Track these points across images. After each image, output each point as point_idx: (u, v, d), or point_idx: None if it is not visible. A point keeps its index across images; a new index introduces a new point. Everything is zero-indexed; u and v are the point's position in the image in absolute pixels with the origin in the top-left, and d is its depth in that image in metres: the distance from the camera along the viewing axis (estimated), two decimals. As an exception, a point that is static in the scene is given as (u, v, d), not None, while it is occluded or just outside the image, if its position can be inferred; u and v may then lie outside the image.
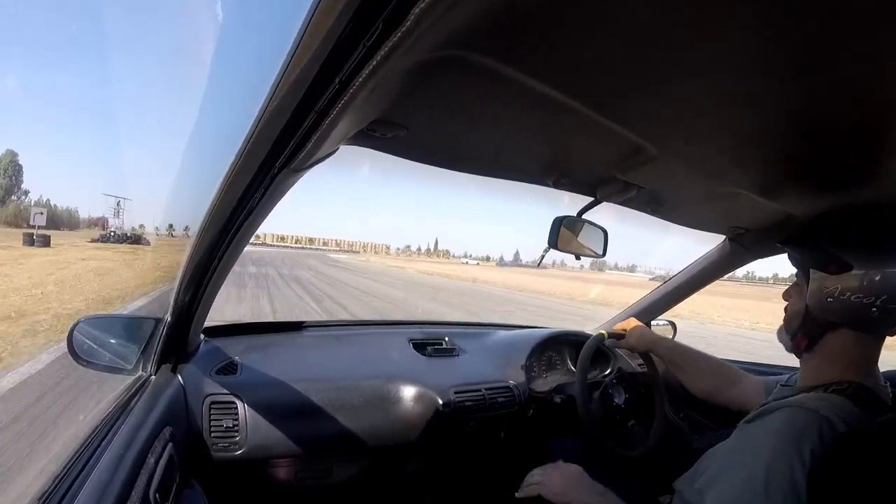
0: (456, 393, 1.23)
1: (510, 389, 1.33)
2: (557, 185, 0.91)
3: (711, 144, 0.69)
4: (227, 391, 1.03)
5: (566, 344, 1.62)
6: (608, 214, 1.02)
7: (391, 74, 0.42)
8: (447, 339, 1.50)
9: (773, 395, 0.85)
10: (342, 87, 0.41)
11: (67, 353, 0.89)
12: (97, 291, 9.05)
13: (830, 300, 0.73)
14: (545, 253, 0.99)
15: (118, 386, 0.98)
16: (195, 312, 0.94)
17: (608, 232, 1.04)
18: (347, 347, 1.37)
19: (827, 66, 0.46)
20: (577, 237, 0.99)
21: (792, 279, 0.84)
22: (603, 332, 1.26)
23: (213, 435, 0.99)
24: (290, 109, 0.44)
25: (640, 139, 0.67)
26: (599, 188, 0.92)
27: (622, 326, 1.29)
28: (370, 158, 0.73)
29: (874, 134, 0.60)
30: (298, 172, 0.58)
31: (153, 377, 0.96)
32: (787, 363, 1.05)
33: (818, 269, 0.76)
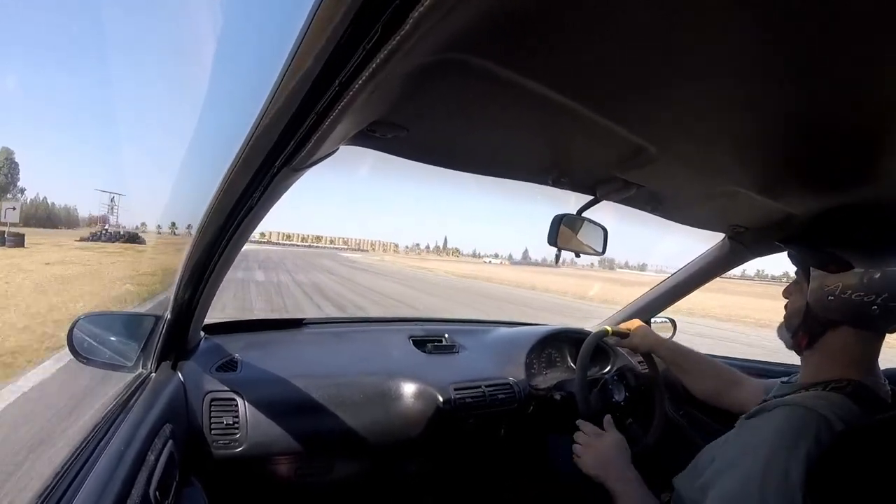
0: (456, 390, 1.23)
1: (510, 386, 1.33)
2: (557, 183, 0.91)
3: (711, 145, 0.69)
4: (227, 388, 1.03)
5: (566, 341, 1.62)
6: (608, 212, 1.02)
7: (391, 77, 0.42)
8: (447, 335, 1.50)
9: (773, 391, 0.86)
10: (342, 89, 0.41)
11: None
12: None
13: (831, 298, 0.73)
14: (559, 253, 0.99)
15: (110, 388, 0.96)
16: (195, 309, 0.94)
17: (608, 230, 1.04)
18: (347, 344, 1.37)
19: (826, 68, 0.46)
20: (576, 235, 0.99)
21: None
22: (607, 327, 1.26)
23: (213, 432, 1.00)
24: (290, 110, 0.45)
25: (640, 140, 0.67)
26: (599, 187, 0.92)
27: (626, 326, 1.29)
28: (376, 157, 0.73)
29: (872, 135, 0.60)
30: (298, 172, 0.58)
31: (153, 374, 0.96)
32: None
33: (819, 267, 0.76)
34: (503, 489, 1.41)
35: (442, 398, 1.20)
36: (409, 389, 1.20)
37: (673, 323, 1.79)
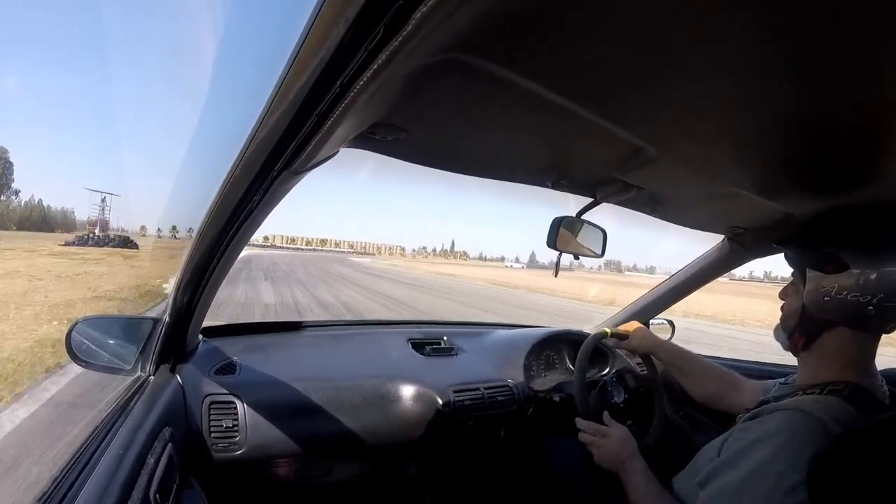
0: (455, 392, 1.23)
1: (509, 388, 1.33)
2: (557, 186, 0.91)
3: (711, 146, 0.69)
4: (226, 391, 1.03)
5: (565, 343, 1.62)
6: (609, 215, 1.02)
7: (392, 78, 0.42)
8: (446, 338, 1.50)
9: (772, 392, 0.86)
10: (343, 90, 0.40)
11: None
12: None
13: (827, 299, 0.74)
14: (558, 258, 1.00)
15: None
16: (193, 312, 0.94)
17: (607, 232, 1.04)
18: (346, 347, 1.37)
19: (826, 69, 0.46)
20: (576, 237, 0.99)
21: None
22: (606, 329, 1.26)
23: (212, 435, 0.99)
24: (290, 112, 0.44)
25: (639, 141, 0.67)
26: (599, 189, 0.92)
27: (625, 328, 1.29)
28: (378, 160, 0.73)
29: (872, 136, 0.61)
30: (298, 175, 0.58)
31: (152, 377, 0.96)
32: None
33: (815, 268, 0.76)
34: (502, 491, 1.41)
35: (441, 400, 1.20)
36: (408, 392, 1.20)
37: (671, 325, 1.79)
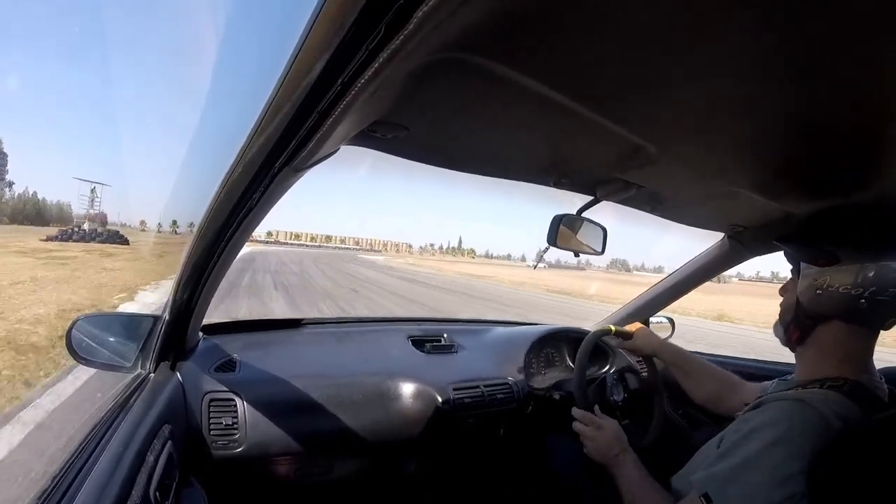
0: (455, 390, 1.23)
1: (509, 386, 1.33)
2: (557, 184, 0.91)
3: (711, 145, 0.69)
4: (226, 388, 1.03)
5: (564, 340, 1.62)
6: (611, 214, 1.02)
7: (393, 77, 0.42)
8: (446, 335, 1.50)
9: (771, 388, 0.86)
10: (344, 88, 0.40)
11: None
12: None
13: (819, 293, 0.75)
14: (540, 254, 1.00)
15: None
16: (193, 310, 0.94)
17: (608, 230, 1.04)
18: (346, 344, 1.37)
19: (826, 69, 0.46)
20: (576, 235, 1.00)
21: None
22: (610, 326, 1.27)
23: (212, 432, 0.99)
24: (291, 110, 0.44)
25: (640, 140, 0.67)
26: (599, 187, 0.93)
27: (628, 328, 1.30)
28: (380, 157, 0.73)
29: (872, 135, 0.61)
30: (299, 172, 0.58)
31: (152, 375, 0.96)
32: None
33: (808, 262, 0.78)
34: (502, 488, 1.42)
35: (441, 398, 1.20)
36: (408, 389, 1.20)
37: (672, 322, 1.79)
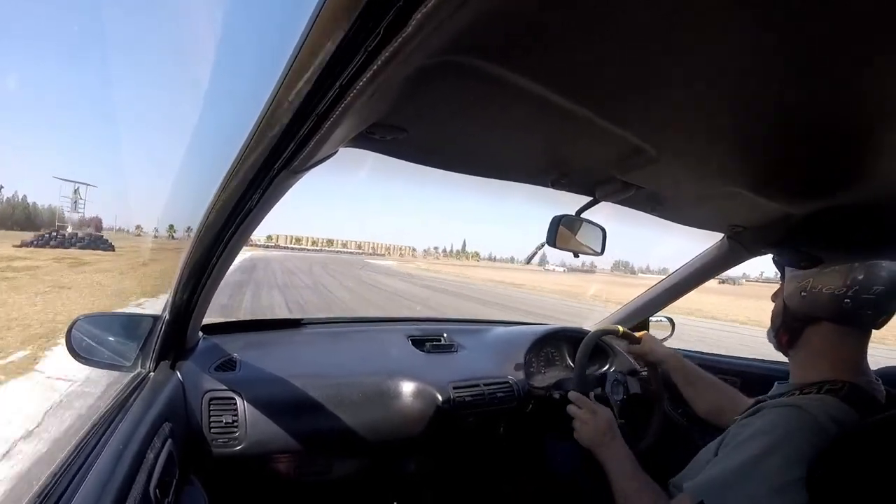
0: (455, 388, 1.23)
1: (509, 385, 1.33)
2: (556, 185, 0.91)
3: (710, 146, 0.69)
4: (226, 387, 1.03)
5: (565, 340, 1.63)
6: (613, 215, 1.03)
7: (391, 79, 0.42)
8: (445, 335, 1.50)
9: (770, 392, 0.86)
10: (342, 91, 0.40)
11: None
12: None
13: (804, 294, 0.76)
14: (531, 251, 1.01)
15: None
16: (193, 310, 0.94)
17: (606, 230, 1.04)
18: (346, 344, 1.37)
19: (825, 69, 0.46)
20: (575, 235, 1.00)
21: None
22: (619, 327, 1.27)
23: (212, 430, 1.00)
24: (290, 112, 0.44)
25: (639, 141, 0.67)
26: (598, 188, 0.93)
27: (637, 335, 1.30)
28: (379, 159, 0.73)
29: (871, 136, 0.61)
30: (298, 174, 0.58)
31: (152, 374, 0.96)
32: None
33: (791, 266, 0.79)
34: (502, 486, 1.42)
35: (441, 397, 1.21)
36: (407, 388, 1.21)
37: (671, 322, 1.79)
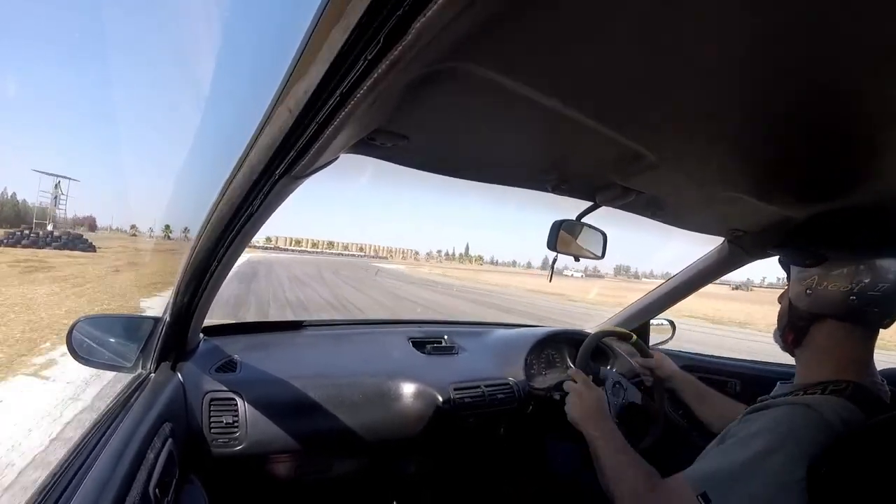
0: (455, 390, 1.24)
1: (510, 386, 1.34)
2: (556, 190, 0.91)
3: (710, 151, 0.69)
4: (226, 388, 1.03)
5: (565, 342, 1.63)
6: (614, 219, 1.03)
7: (392, 86, 0.42)
8: (446, 337, 1.51)
9: (773, 392, 0.86)
10: (343, 98, 0.41)
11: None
12: None
13: (809, 292, 0.75)
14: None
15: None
16: (194, 312, 0.94)
17: (607, 235, 1.04)
18: (347, 346, 1.37)
19: (825, 73, 0.46)
20: (576, 240, 1.00)
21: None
22: (632, 334, 1.26)
23: (212, 431, 1.00)
24: (290, 119, 0.45)
25: (639, 146, 0.67)
26: (598, 193, 0.93)
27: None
28: (380, 164, 0.73)
29: (871, 137, 0.61)
30: (299, 179, 0.59)
31: (153, 375, 0.97)
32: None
33: (796, 264, 0.78)
34: (502, 487, 1.42)
35: (441, 398, 1.21)
36: (408, 389, 1.21)
37: (672, 325, 1.79)
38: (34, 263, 16.75)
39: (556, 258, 1.02)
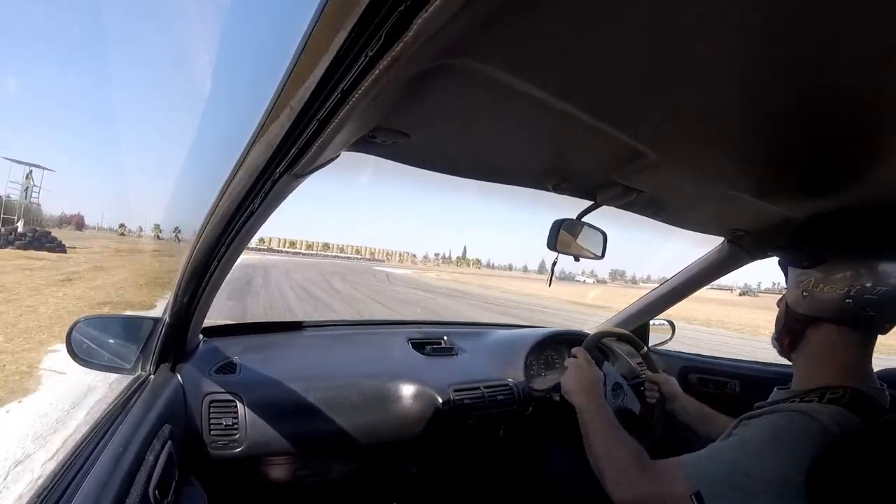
0: (455, 391, 1.24)
1: (509, 388, 1.34)
2: (557, 189, 0.91)
3: (711, 150, 0.69)
4: (226, 390, 1.03)
5: (565, 343, 1.62)
6: (614, 220, 1.03)
7: (393, 83, 0.42)
8: (446, 338, 1.51)
9: (770, 398, 0.86)
10: (344, 95, 0.41)
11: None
12: None
13: (805, 294, 0.75)
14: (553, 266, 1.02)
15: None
16: (194, 313, 0.94)
17: (607, 235, 1.04)
18: (346, 347, 1.37)
19: (825, 71, 0.46)
20: (576, 239, 1.00)
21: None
22: (644, 346, 1.27)
23: (212, 433, 1.00)
24: (291, 117, 0.45)
25: (639, 145, 0.67)
26: (599, 192, 0.93)
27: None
28: (382, 163, 0.73)
29: (871, 137, 0.61)
30: (299, 178, 0.58)
31: (152, 376, 0.96)
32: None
33: (793, 265, 0.78)
34: (502, 488, 1.42)
35: (441, 399, 1.21)
36: (407, 391, 1.21)
37: (672, 325, 1.79)
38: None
39: (555, 261, 1.02)
